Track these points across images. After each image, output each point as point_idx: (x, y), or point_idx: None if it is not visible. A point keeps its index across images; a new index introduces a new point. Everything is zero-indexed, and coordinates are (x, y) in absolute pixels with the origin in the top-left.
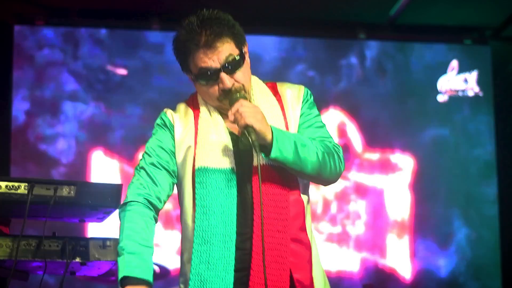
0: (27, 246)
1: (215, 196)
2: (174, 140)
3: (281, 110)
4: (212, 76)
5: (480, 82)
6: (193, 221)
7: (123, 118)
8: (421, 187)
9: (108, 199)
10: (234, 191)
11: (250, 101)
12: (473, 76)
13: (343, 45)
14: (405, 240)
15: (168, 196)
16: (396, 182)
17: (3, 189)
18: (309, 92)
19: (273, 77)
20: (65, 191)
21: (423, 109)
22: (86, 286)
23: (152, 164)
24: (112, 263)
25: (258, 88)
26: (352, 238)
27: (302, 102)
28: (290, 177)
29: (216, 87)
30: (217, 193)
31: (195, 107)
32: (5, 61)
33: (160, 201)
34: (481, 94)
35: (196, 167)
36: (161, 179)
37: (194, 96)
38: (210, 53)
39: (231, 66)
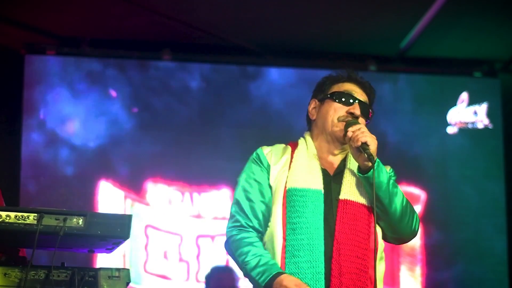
0: (35, 276)
1: (302, 213)
2: (268, 171)
3: None
4: (350, 98)
5: (489, 114)
6: (284, 238)
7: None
8: (431, 219)
9: (117, 229)
10: (321, 210)
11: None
12: (482, 108)
13: None
14: (417, 272)
15: (267, 223)
16: None
17: (12, 219)
18: (394, 171)
19: (284, 107)
20: (74, 221)
21: (432, 141)
22: None
23: (248, 198)
24: None
25: None
26: None
27: (389, 174)
28: (371, 218)
29: (345, 109)
30: (304, 210)
31: (294, 146)
32: (16, 90)
33: (260, 230)
34: (490, 126)
35: (288, 187)
36: (257, 211)
37: (295, 141)
38: (359, 89)
39: (364, 109)
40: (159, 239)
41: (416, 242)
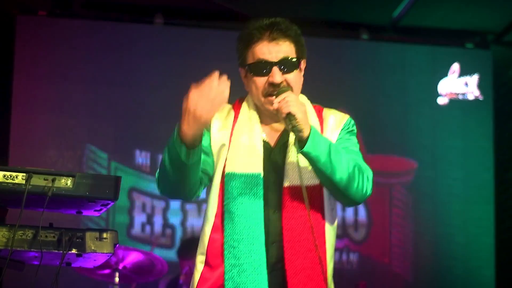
0: (23, 236)
1: (240, 201)
2: (210, 139)
3: (320, 132)
4: (266, 67)
5: (480, 86)
6: (221, 222)
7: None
8: (420, 189)
9: (106, 191)
10: (260, 197)
11: None
12: (473, 79)
13: (345, 45)
14: (407, 241)
15: (203, 184)
16: (395, 184)
17: (0, 179)
18: (352, 122)
19: None
20: (63, 182)
21: (423, 111)
22: (81, 277)
23: None
24: (108, 255)
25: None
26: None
27: (342, 128)
28: (319, 200)
29: (265, 81)
30: (242, 198)
31: (237, 110)
32: (7, 51)
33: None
34: (481, 98)
35: (226, 172)
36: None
37: (241, 100)
38: (271, 46)
39: (286, 65)
40: (144, 204)
41: (406, 213)
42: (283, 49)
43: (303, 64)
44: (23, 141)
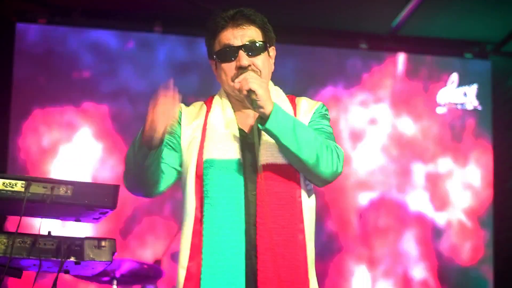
0: (22, 243)
1: (222, 187)
2: (180, 128)
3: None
4: (232, 52)
5: (479, 96)
6: (201, 212)
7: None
8: (417, 198)
9: (104, 199)
10: (241, 181)
11: None
12: (472, 89)
13: (344, 54)
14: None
15: (174, 175)
16: (392, 191)
17: (0, 186)
18: (325, 107)
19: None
20: (62, 190)
21: (421, 121)
22: (79, 285)
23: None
24: (106, 264)
25: (275, 92)
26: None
27: (314, 112)
28: (294, 177)
29: (233, 66)
30: (224, 184)
31: (209, 103)
32: (6, 58)
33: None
34: (480, 108)
35: (204, 159)
36: (167, 157)
37: (212, 96)
38: (236, 31)
39: (252, 49)
40: None
41: (400, 222)
42: (248, 33)
43: (272, 51)
44: (22, 149)
